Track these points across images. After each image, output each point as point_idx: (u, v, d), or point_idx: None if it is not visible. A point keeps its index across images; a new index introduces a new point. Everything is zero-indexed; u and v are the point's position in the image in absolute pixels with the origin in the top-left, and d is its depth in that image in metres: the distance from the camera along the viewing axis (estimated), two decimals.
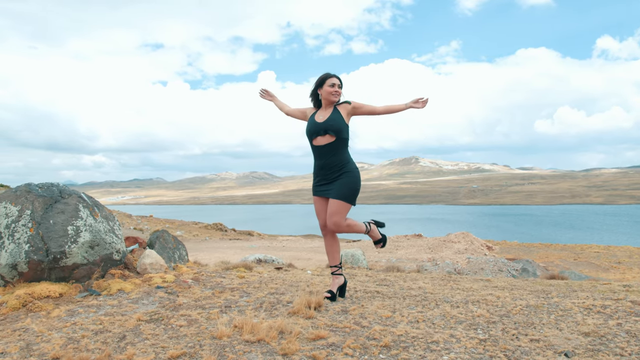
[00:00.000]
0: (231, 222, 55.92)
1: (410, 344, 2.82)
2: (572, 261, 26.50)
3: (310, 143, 3.81)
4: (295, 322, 3.18)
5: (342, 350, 2.69)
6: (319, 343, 2.81)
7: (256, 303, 3.80)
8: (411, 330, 3.06)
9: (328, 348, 2.74)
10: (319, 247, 24.62)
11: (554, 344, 2.80)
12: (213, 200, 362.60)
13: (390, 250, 23.38)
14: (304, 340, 2.85)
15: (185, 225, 42.29)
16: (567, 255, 28.11)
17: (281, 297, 4.05)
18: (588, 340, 2.86)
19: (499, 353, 2.66)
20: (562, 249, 30.78)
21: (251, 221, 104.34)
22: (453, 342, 2.85)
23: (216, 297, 4.01)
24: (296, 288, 4.45)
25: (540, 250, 29.63)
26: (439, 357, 2.60)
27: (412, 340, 2.88)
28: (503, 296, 4.11)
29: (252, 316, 3.28)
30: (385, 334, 2.98)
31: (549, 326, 3.16)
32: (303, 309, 3.40)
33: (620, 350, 2.70)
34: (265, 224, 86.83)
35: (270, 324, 3.07)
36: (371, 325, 3.16)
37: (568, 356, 2.62)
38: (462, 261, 19.10)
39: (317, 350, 2.69)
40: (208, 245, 23.27)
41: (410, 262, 18.58)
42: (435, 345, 2.79)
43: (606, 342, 2.83)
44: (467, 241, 27.79)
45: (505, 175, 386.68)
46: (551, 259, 26.28)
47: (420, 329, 3.09)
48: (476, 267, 19.09)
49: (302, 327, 3.08)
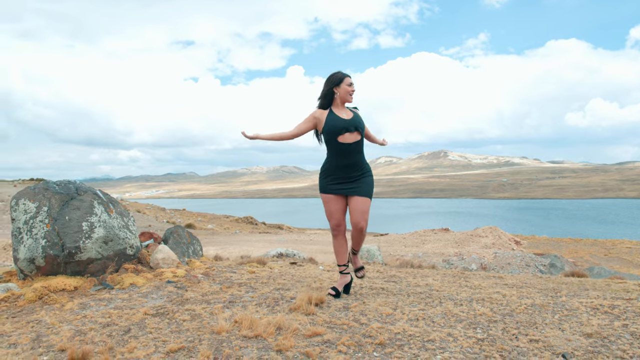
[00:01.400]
0: (262, 216, 56.48)
1: (406, 342, 2.83)
2: (603, 257, 25.82)
3: (333, 141, 3.69)
4: (294, 319, 3.22)
5: (336, 347, 2.73)
6: (314, 340, 2.85)
7: (260, 298, 3.87)
8: (409, 328, 3.06)
9: (323, 345, 2.77)
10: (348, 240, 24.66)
11: (553, 345, 2.77)
12: (244, 194, 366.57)
13: (417, 244, 23.24)
14: (300, 337, 2.90)
15: (216, 219, 42.99)
16: (598, 250, 27.40)
17: (286, 292, 4.10)
18: (589, 342, 2.82)
19: (495, 353, 2.64)
20: (592, 244, 29.99)
21: (282, 214, 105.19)
22: (450, 341, 2.84)
23: (223, 292, 4.09)
24: (303, 284, 4.49)
25: (569, 245, 28.97)
26: (433, 356, 2.60)
27: (408, 338, 2.89)
28: (510, 294, 4.07)
29: (254, 312, 3.34)
30: (383, 331, 3.00)
31: (552, 326, 3.12)
32: (304, 306, 3.44)
33: (621, 352, 2.65)
34: (295, 217, 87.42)
35: (269, 319, 3.12)
36: (370, 323, 3.18)
37: (566, 358, 2.59)
38: (489, 256, 18.84)
39: (312, 347, 2.73)
40: (238, 239, 23.56)
41: (437, 256, 18.44)
42: (431, 344, 2.79)
43: (608, 344, 2.78)
44: (494, 236, 27.39)
45: (535, 168, 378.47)
46: (581, 254, 25.67)
47: (418, 327, 3.10)
48: (503, 262, 18.81)
49: (300, 324, 3.12)
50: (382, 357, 2.62)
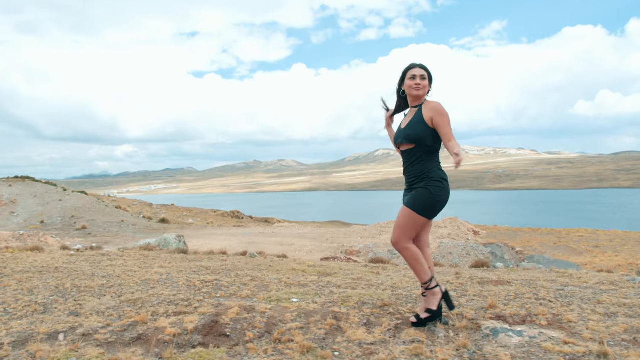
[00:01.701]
0: (257, 210, 58.24)
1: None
2: (552, 245, 27.72)
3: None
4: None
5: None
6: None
7: None
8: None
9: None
10: (307, 233, 26.63)
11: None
12: (242, 188, 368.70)
13: (374, 235, 25.13)
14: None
15: (203, 214, 44.70)
16: (550, 239, 29.25)
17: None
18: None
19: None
20: (548, 233, 31.82)
21: (282, 207, 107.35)
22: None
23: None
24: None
25: (526, 234, 30.84)
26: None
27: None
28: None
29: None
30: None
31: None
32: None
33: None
34: (292, 211, 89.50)
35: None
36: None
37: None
38: (434, 246, 20.64)
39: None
40: (207, 232, 25.51)
41: (386, 247, 20.28)
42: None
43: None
44: (453, 226, 29.23)
45: (532, 160, 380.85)
46: (531, 243, 27.56)
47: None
48: (445, 252, 20.69)
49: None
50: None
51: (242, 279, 4.57)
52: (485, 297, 3.78)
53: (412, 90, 3.17)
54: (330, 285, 4.33)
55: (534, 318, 3.20)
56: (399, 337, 2.96)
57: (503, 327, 3.06)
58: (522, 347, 2.73)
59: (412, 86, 3.17)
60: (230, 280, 4.49)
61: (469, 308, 3.46)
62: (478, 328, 3.07)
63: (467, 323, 3.13)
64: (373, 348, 2.77)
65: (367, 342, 2.87)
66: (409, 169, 3.20)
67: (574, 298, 3.72)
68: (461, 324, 3.12)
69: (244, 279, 4.58)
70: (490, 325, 3.11)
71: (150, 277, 4.60)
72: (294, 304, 3.65)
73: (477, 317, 3.25)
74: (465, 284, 4.35)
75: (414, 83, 3.16)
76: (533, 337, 2.87)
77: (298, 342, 2.88)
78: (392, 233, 3.16)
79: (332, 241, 23.19)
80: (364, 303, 3.64)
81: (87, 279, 4.58)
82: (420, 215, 3.08)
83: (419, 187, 3.11)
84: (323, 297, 3.89)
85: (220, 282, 4.38)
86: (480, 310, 3.41)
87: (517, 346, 2.76)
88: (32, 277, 4.64)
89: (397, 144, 3.27)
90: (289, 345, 2.84)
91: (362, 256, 20.98)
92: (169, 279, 4.57)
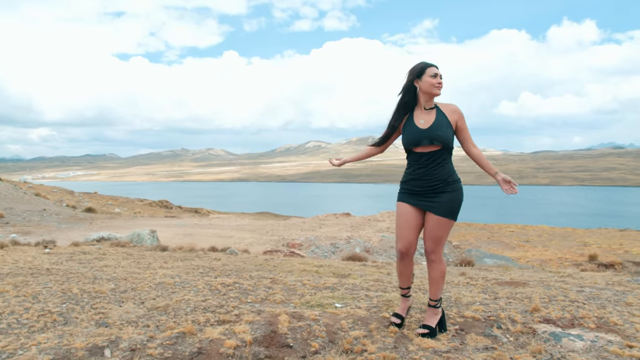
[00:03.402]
0: (185, 200, 56.58)
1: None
2: (486, 240, 29.18)
3: (408, 150, 3.16)
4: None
5: None
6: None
7: None
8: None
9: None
10: (246, 225, 26.19)
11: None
12: (168, 177, 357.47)
13: (314, 228, 25.11)
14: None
15: (129, 203, 42.66)
16: (484, 234, 30.75)
17: None
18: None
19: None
20: (481, 228, 33.37)
21: (211, 197, 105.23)
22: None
23: None
24: None
25: (461, 229, 32.20)
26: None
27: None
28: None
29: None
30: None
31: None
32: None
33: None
34: (222, 201, 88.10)
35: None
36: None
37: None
38: (375, 240, 20.97)
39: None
40: (139, 223, 24.29)
41: (328, 240, 20.38)
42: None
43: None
44: (392, 220, 29.82)
45: (459, 156, 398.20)
46: (467, 237, 28.84)
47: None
48: (387, 246, 21.08)
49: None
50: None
51: (262, 282, 4.37)
52: (521, 300, 3.85)
53: (434, 89, 3.05)
54: (357, 288, 4.25)
55: (580, 321, 3.30)
56: (467, 344, 2.95)
57: (559, 331, 3.14)
58: (590, 352, 2.81)
59: (434, 84, 3.05)
60: (251, 283, 4.28)
61: (514, 311, 3.51)
62: (534, 332, 3.12)
63: (521, 327, 3.18)
64: (452, 356, 2.74)
65: (442, 350, 2.83)
66: (432, 171, 3.04)
67: (601, 300, 3.88)
68: (515, 329, 3.16)
69: (263, 282, 4.38)
70: (543, 328, 3.17)
71: (162, 280, 4.28)
72: (340, 309, 3.54)
73: (527, 321, 3.31)
74: (487, 286, 4.43)
75: (437, 82, 3.05)
76: (594, 341, 2.96)
77: (373, 352, 2.79)
78: (429, 244, 3.06)
79: (272, 234, 22.92)
80: (409, 308, 3.59)
81: (91, 282, 4.19)
82: (455, 221, 3.06)
83: (447, 190, 3.03)
84: (362, 301, 3.80)
85: (243, 286, 4.16)
86: (526, 314, 3.47)
87: (585, 350, 2.83)
88: (27, 280, 4.17)
89: (417, 145, 3.05)
90: (367, 356, 2.74)
91: (304, 249, 20.97)
92: (184, 281, 4.27)
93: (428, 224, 3.07)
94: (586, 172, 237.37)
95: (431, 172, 3.04)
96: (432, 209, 3.04)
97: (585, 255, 19.99)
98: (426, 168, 3.05)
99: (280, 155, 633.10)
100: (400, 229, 3.12)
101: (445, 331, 3.16)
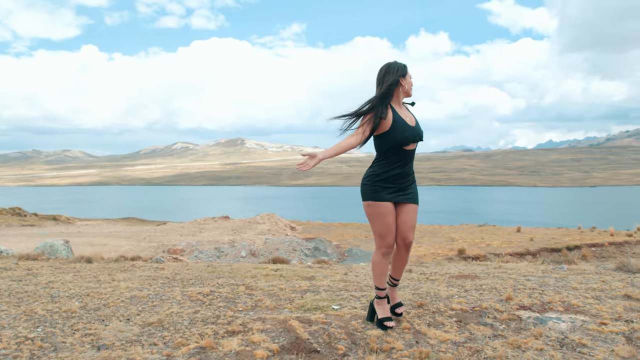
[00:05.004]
0: (37, 206, 50.68)
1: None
2: (364, 239, 30.66)
3: (396, 148, 3.15)
4: None
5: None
6: None
7: None
8: None
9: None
10: (119, 231, 24.50)
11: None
12: (16, 181, 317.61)
13: (194, 233, 24.30)
14: None
15: None
16: (361, 233, 32.25)
17: None
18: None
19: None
20: (358, 227, 34.88)
21: (67, 203, 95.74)
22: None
23: None
24: None
25: (338, 229, 33.40)
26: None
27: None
28: None
29: None
30: None
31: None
32: None
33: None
34: (81, 207, 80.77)
35: None
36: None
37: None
38: (260, 242, 20.87)
39: None
40: None
41: (211, 244, 19.84)
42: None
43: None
44: (271, 222, 30.03)
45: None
46: (345, 237, 30.03)
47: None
48: (272, 248, 21.12)
49: None
50: None
51: (239, 289, 4.17)
52: (489, 291, 4.21)
53: (411, 91, 3.24)
54: (334, 289, 4.28)
55: (550, 306, 3.73)
56: (475, 334, 3.16)
57: (539, 316, 3.51)
58: (576, 331, 3.19)
59: (411, 86, 3.24)
60: (228, 291, 4.07)
61: (491, 301, 3.84)
62: (520, 318, 3.46)
63: (507, 315, 3.50)
64: (474, 346, 2.93)
65: (460, 341, 3.01)
66: (410, 167, 3.22)
67: (552, 286, 4.41)
68: (502, 317, 3.47)
69: (240, 289, 4.18)
70: (525, 314, 3.53)
71: (133, 294, 3.87)
72: (341, 311, 3.55)
73: (507, 309, 3.64)
74: (450, 281, 4.74)
75: (412, 83, 3.24)
76: (573, 322, 3.38)
77: (401, 348, 2.87)
78: (410, 232, 3.23)
79: (150, 240, 21.72)
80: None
81: (51, 301, 3.63)
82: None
83: (414, 180, 3.30)
84: (352, 301, 3.85)
85: (222, 295, 3.94)
86: (504, 303, 3.81)
87: (571, 330, 3.22)
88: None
89: (410, 143, 3.13)
90: (399, 354, 2.80)
91: (186, 255, 20.24)
92: (158, 294, 3.90)
93: (407, 214, 3.22)
94: (442, 173, 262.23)
95: (410, 167, 3.22)
96: (410, 199, 3.23)
97: (454, 249, 22.04)
98: (410, 164, 3.21)
99: (145, 157, 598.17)
100: (389, 225, 3.16)
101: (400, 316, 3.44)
